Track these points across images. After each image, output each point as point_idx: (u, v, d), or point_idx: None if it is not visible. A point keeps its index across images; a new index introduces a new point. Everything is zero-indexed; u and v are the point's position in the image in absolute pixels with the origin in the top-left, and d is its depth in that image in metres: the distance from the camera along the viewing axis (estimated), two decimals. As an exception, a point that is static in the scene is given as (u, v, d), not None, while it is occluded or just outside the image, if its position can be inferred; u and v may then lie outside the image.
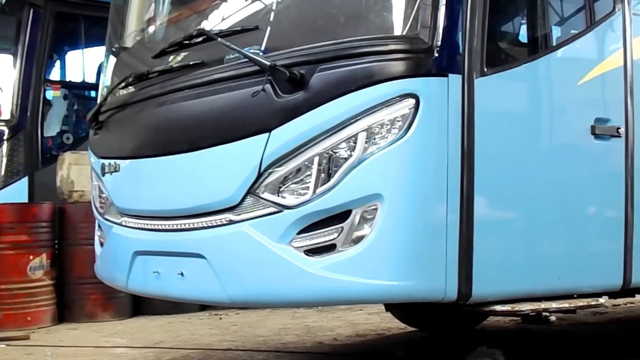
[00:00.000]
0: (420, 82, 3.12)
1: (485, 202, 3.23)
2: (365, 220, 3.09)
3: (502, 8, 3.52)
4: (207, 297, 3.61)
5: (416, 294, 3.15)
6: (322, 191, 3.14)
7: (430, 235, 3.10)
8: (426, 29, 3.14)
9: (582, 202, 3.56)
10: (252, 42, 3.43)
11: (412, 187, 3.08)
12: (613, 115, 3.59)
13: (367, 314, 6.46)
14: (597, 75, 3.58)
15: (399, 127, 3.09)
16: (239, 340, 5.44)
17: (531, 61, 3.47)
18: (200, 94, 3.57)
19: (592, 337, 5.48)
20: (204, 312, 6.77)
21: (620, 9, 3.66)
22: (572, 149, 3.53)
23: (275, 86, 3.24)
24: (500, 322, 5.90)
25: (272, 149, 3.24)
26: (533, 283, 3.43)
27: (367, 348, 5.26)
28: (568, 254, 3.51)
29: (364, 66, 3.14)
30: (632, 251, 3.60)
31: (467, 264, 3.14)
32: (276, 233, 3.20)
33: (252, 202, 3.31)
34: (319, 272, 3.11)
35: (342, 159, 3.13)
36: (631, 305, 6.54)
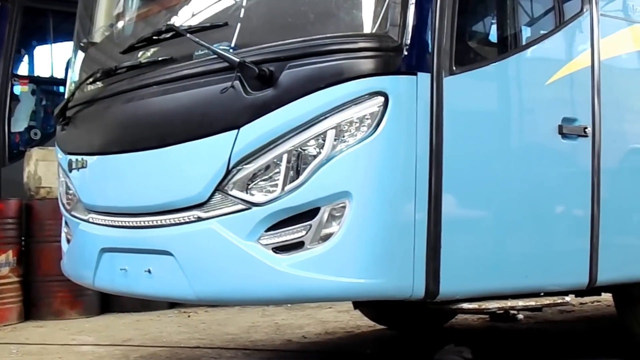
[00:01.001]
0: (389, 80, 3.12)
1: (453, 200, 3.24)
2: (334, 218, 3.09)
3: (471, 7, 3.53)
4: (174, 295, 3.59)
5: (384, 291, 3.16)
6: (291, 189, 3.14)
7: (398, 233, 3.11)
8: (395, 27, 3.15)
9: (549, 201, 3.58)
10: (222, 39, 3.43)
11: (380, 185, 3.09)
12: (580, 115, 3.62)
13: (337, 311, 6.46)
14: (565, 75, 3.60)
15: (367, 125, 3.09)
16: (208, 338, 5.42)
17: (500, 60, 3.48)
18: (168, 90, 3.55)
19: (559, 335, 5.53)
20: (172, 310, 6.74)
21: (588, 10, 3.69)
22: (540, 149, 3.56)
23: (244, 83, 3.23)
24: (468, 320, 5.93)
25: (241, 146, 3.23)
26: (500, 281, 3.45)
27: (336, 346, 5.27)
28: (535, 252, 3.53)
29: (333, 64, 3.14)
30: (598, 250, 3.63)
31: (434, 262, 3.15)
32: (244, 230, 3.19)
33: (221, 199, 3.29)
34: (287, 269, 3.11)
35: (310, 156, 3.13)
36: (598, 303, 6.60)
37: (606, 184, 3.68)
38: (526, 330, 5.60)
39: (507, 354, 4.76)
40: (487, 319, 5.80)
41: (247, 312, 6.53)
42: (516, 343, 5.19)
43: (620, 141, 3.83)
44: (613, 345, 4.67)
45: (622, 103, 3.84)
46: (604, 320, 6.03)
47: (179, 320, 6.30)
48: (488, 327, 5.73)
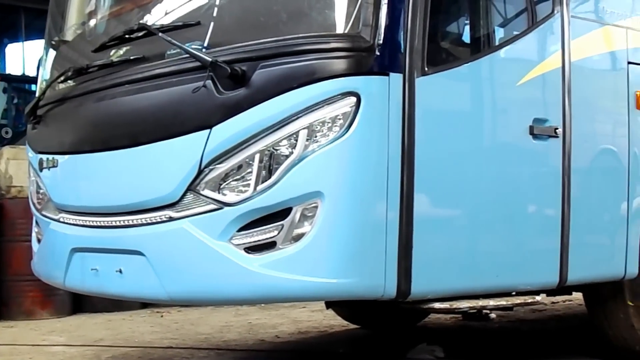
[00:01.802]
0: (361, 80, 3.12)
1: (425, 200, 3.25)
2: (306, 218, 3.09)
3: (443, 8, 3.54)
4: (146, 295, 3.57)
5: (355, 291, 3.16)
6: (263, 188, 3.13)
7: (369, 233, 3.11)
8: (368, 27, 3.15)
9: (520, 201, 3.60)
10: (194, 38, 3.41)
11: (352, 185, 3.09)
12: (551, 115, 3.64)
13: (310, 311, 6.47)
14: (536, 76, 3.62)
15: (340, 125, 3.10)
16: (180, 338, 5.40)
17: (471, 61, 3.50)
18: (140, 89, 3.53)
19: (531, 333, 5.57)
20: (145, 310, 6.71)
21: (559, 11, 3.71)
22: (511, 149, 3.57)
23: (217, 82, 3.22)
24: (441, 319, 5.96)
25: (213, 146, 3.22)
26: (472, 281, 3.46)
27: (309, 345, 5.27)
28: (506, 252, 3.55)
29: (305, 64, 3.14)
30: (569, 249, 3.66)
31: (406, 261, 3.16)
32: (216, 230, 3.18)
33: (192, 199, 3.28)
34: (259, 269, 3.10)
35: (283, 156, 3.13)
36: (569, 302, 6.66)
37: (576, 184, 3.71)
38: (498, 329, 5.64)
39: (479, 352, 4.79)
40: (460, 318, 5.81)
41: (221, 311, 6.52)
42: (488, 342, 5.22)
43: (591, 141, 3.86)
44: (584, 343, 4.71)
45: (593, 104, 3.87)
46: (575, 319, 6.09)
47: (151, 320, 6.28)
48: (461, 326, 5.76)
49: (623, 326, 4.08)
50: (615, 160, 3.92)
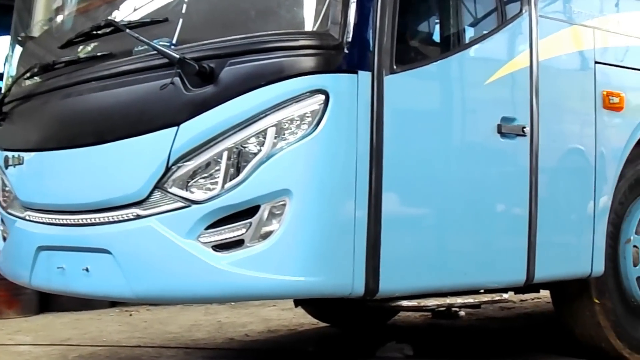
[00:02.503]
0: (330, 78, 3.12)
1: (393, 198, 3.25)
2: (274, 216, 3.08)
3: (413, 7, 3.54)
4: (112, 293, 3.54)
5: (323, 289, 3.16)
6: (231, 186, 3.12)
7: (338, 231, 3.11)
8: (336, 25, 3.14)
9: (488, 200, 3.62)
10: (162, 35, 3.38)
11: (320, 183, 3.08)
12: (519, 114, 3.65)
13: (280, 309, 6.46)
14: (504, 75, 3.64)
15: (308, 123, 3.09)
16: (149, 337, 5.37)
17: (440, 60, 3.50)
18: (107, 85, 3.50)
19: (499, 331, 5.61)
20: (113, 309, 6.66)
21: (527, 11, 3.73)
22: (479, 148, 3.58)
23: (184, 79, 3.20)
24: (411, 317, 5.98)
25: (181, 143, 3.20)
26: (440, 279, 3.47)
27: (279, 344, 5.26)
28: (474, 250, 3.56)
29: (274, 61, 3.13)
30: (536, 248, 3.67)
31: (374, 259, 3.16)
32: (184, 228, 3.16)
33: (160, 197, 3.26)
34: (227, 267, 3.09)
35: (251, 154, 3.12)
36: (538, 300, 6.72)
37: (544, 183, 3.73)
38: (467, 327, 5.67)
39: (448, 350, 4.81)
40: (429, 316, 5.88)
41: (190, 310, 6.49)
42: (457, 339, 5.25)
43: (558, 140, 3.88)
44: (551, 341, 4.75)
45: (560, 103, 3.89)
46: (543, 317, 6.13)
47: (120, 319, 6.23)
48: (430, 324, 5.79)
49: (589, 323, 4.11)
50: (582, 160, 3.95)
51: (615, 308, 4.11)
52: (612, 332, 4.10)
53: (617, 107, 4.05)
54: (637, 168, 4.25)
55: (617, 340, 4.12)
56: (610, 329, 4.09)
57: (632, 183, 4.21)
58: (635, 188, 4.24)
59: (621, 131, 4.11)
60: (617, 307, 4.12)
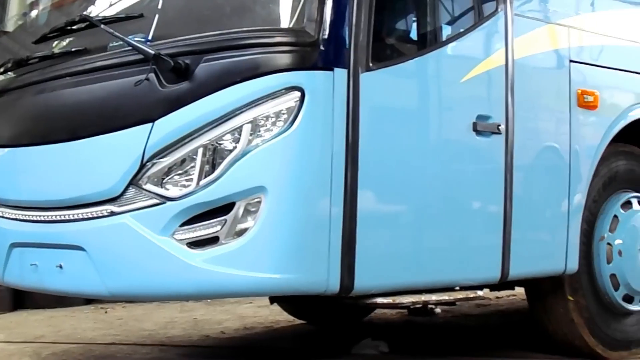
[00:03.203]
0: (305, 75, 3.11)
1: (369, 196, 3.25)
2: (249, 213, 3.07)
3: (389, 4, 3.54)
4: (86, 291, 3.52)
5: (298, 286, 3.15)
6: (206, 183, 3.11)
7: (313, 228, 3.10)
8: (312, 22, 3.14)
9: (464, 197, 3.63)
10: (137, 30, 3.36)
11: (295, 180, 3.08)
12: (494, 112, 3.67)
13: (257, 307, 6.45)
14: (480, 73, 3.65)
15: (284, 120, 3.09)
16: (123, 334, 5.34)
17: (416, 57, 3.50)
18: (82, 81, 3.48)
19: (475, 328, 5.63)
20: (88, 306, 6.62)
21: (503, 10, 3.74)
22: (455, 145, 3.59)
23: (160, 76, 3.19)
24: (386, 314, 5.99)
25: (156, 140, 3.19)
26: (415, 276, 3.47)
27: (254, 341, 5.25)
28: (449, 247, 3.57)
29: (249, 58, 3.12)
30: (510, 245, 3.69)
31: (349, 257, 3.16)
32: (158, 225, 3.15)
33: (134, 194, 3.24)
34: (201, 264, 3.08)
35: (226, 150, 3.11)
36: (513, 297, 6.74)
37: (519, 181, 3.74)
38: (443, 324, 5.68)
39: (423, 347, 4.82)
40: (405, 313, 5.89)
41: (166, 307, 6.47)
42: (433, 336, 5.26)
43: (533, 139, 3.90)
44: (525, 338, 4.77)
45: (535, 101, 3.90)
46: (518, 314, 6.15)
47: (94, 317, 6.20)
48: (406, 321, 5.80)
49: (563, 321, 4.14)
50: (556, 158, 3.97)
51: (589, 305, 4.14)
52: (585, 329, 4.13)
53: (591, 105, 4.08)
54: (611, 166, 4.28)
55: (591, 337, 4.15)
56: (583, 326, 4.12)
57: (606, 181, 4.24)
58: (609, 186, 4.27)
59: (595, 129, 4.13)
60: (590, 304, 4.14)
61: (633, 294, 4.25)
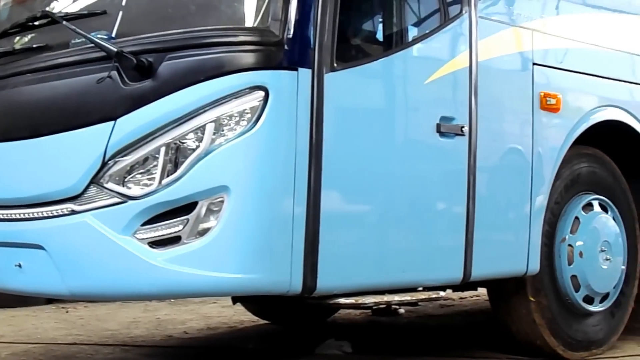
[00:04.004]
0: (269, 74, 3.11)
1: (332, 196, 3.25)
2: (211, 213, 3.06)
3: (354, 5, 3.55)
4: (46, 290, 3.49)
5: (261, 287, 3.14)
6: (168, 182, 3.09)
7: (276, 228, 3.10)
8: (277, 21, 3.14)
9: (427, 198, 3.64)
10: (100, 27, 3.35)
11: (258, 179, 3.07)
12: (458, 114, 3.68)
13: (221, 307, 6.43)
14: (444, 75, 3.66)
15: (247, 120, 3.08)
16: (85, 334, 5.28)
17: (380, 58, 3.50)
18: (44, 78, 3.45)
19: (438, 328, 5.66)
20: (50, 306, 6.55)
21: (467, 12, 3.76)
22: (419, 146, 3.60)
23: (122, 73, 3.18)
24: (351, 314, 6.00)
25: (118, 138, 3.17)
26: (378, 276, 3.48)
27: (218, 341, 5.23)
28: (412, 248, 3.58)
29: (213, 56, 3.11)
30: (473, 246, 3.71)
31: (312, 257, 3.16)
32: (120, 224, 3.13)
33: (96, 192, 3.22)
34: (163, 264, 3.06)
35: (189, 149, 3.10)
36: (477, 298, 6.79)
37: (482, 182, 3.76)
38: (406, 324, 5.70)
39: (386, 347, 4.83)
40: (370, 313, 5.90)
41: (129, 307, 6.42)
42: (396, 337, 5.28)
43: (496, 140, 3.91)
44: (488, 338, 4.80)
45: (499, 103, 3.92)
46: (481, 314, 6.20)
47: (56, 316, 6.13)
48: (370, 321, 5.81)
49: (525, 321, 4.17)
50: (519, 160, 4.00)
51: (551, 306, 4.17)
52: (546, 330, 4.16)
53: (554, 108, 4.11)
54: (573, 168, 4.32)
55: (552, 338, 4.18)
56: (545, 327, 4.15)
57: (567, 183, 4.28)
58: (571, 188, 4.31)
59: (558, 132, 4.17)
60: (552, 305, 4.18)
61: (593, 295, 4.30)
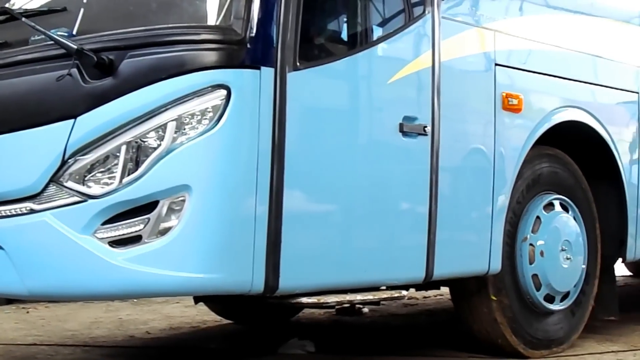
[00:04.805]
0: (232, 73, 3.10)
1: (295, 195, 3.24)
2: (173, 212, 3.04)
3: (317, 4, 3.54)
4: (5, 290, 3.42)
5: (222, 286, 3.13)
6: (129, 181, 3.07)
7: (237, 228, 3.08)
8: (240, 20, 3.13)
9: (389, 198, 3.64)
10: (60, 24, 3.32)
11: (220, 178, 3.06)
12: (420, 114, 3.69)
13: (184, 306, 6.39)
14: (406, 75, 3.67)
15: (209, 118, 3.06)
16: (46, 334, 5.22)
17: (343, 58, 3.50)
18: (2, 75, 3.40)
19: (401, 328, 5.67)
20: (10, 306, 6.47)
21: (430, 12, 3.77)
22: (382, 146, 3.60)
23: (83, 71, 3.15)
24: (315, 314, 6.00)
25: (78, 136, 3.13)
26: (340, 276, 3.48)
27: (180, 341, 5.19)
28: (375, 247, 3.59)
29: (175, 54, 3.09)
30: (435, 245, 3.72)
31: (274, 256, 3.15)
32: (79, 223, 3.09)
33: (55, 191, 3.18)
34: (123, 264, 3.03)
35: (150, 148, 3.07)
36: (440, 297, 6.82)
37: (444, 182, 3.78)
38: (370, 324, 5.72)
39: (349, 346, 4.84)
40: (333, 312, 5.91)
41: (90, 307, 6.36)
42: (359, 336, 5.29)
43: (459, 140, 3.93)
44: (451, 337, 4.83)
45: (461, 103, 3.94)
46: (444, 314, 6.23)
47: (16, 317, 6.05)
48: (334, 320, 5.81)
49: (486, 320, 4.20)
50: (481, 159, 4.02)
51: (512, 305, 4.21)
52: (508, 329, 4.19)
53: (515, 108, 4.14)
54: (534, 168, 4.36)
55: (513, 336, 4.22)
56: (506, 325, 4.19)
57: (529, 183, 4.32)
58: (533, 188, 4.35)
59: (520, 132, 4.20)
60: (513, 304, 4.21)
61: (554, 294, 4.34)
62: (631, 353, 4.48)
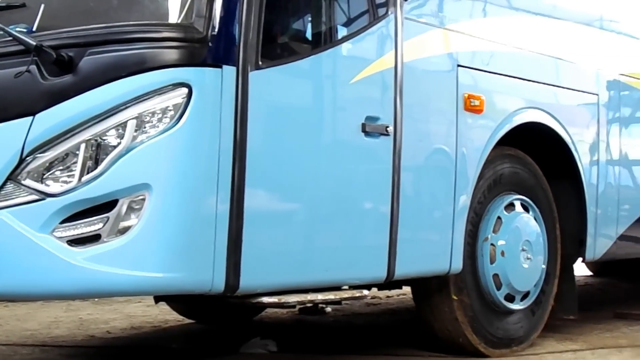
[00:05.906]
0: (193, 71, 3.08)
1: (256, 194, 3.23)
2: (132, 211, 3.02)
3: (281, 3, 3.54)
4: (-40, 289, 3.37)
5: (182, 285, 3.11)
6: (88, 179, 3.04)
7: (198, 227, 3.07)
8: (201, 18, 3.12)
9: (351, 197, 3.65)
10: (19, 20, 3.29)
11: (181, 177, 3.04)
12: (383, 114, 3.70)
13: (146, 306, 6.35)
14: (369, 75, 3.68)
15: (170, 117, 3.05)
16: (4, 334, 5.16)
17: (306, 57, 3.50)
18: (-40, 71, 3.34)
19: (364, 327, 5.69)
20: (-32, 306, 6.38)
21: (393, 13, 3.78)
22: (344, 146, 3.61)
23: (41, 68, 3.11)
24: (278, 313, 5.99)
25: (36, 134, 3.10)
26: (302, 275, 3.47)
27: (142, 340, 5.16)
28: (336, 247, 3.59)
29: (135, 52, 3.07)
30: (396, 245, 3.74)
31: (235, 255, 3.14)
32: (37, 222, 3.05)
33: (13, 189, 3.14)
34: (82, 263, 3.00)
35: (110, 146, 3.05)
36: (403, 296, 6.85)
37: (406, 182, 3.79)
38: (333, 323, 5.73)
39: (311, 345, 4.84)
40: (296, 312, 5.91)
41: (50, 307, 6.29)
42: (322, 335, 5.29)
43: (421, 140, 3.95)
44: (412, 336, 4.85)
45: (423, 104, 3.96)
46: (407, 313, 6.25)
47: (-26, 317, 5.97)
48: (296, 320, 5.81)
49: (448, 319, 4.22)
50: (443, 160, 4.05)
51: (473, 304, 4.24)
52: (469, 328, 4.22)
53: (477, 109, 4.17)
54: (496, 169, 4.39)
55: (474, 335, 4.25)
56: (467, 324, 4.21)
57: (490, 183, 4.35)
58: (494, 188, 4.39)
59: (481, 133, 4.23)
60: (474, 303, 4.24)
61: (514, 294, 4.38)
62: (590, 352, 4.53)
